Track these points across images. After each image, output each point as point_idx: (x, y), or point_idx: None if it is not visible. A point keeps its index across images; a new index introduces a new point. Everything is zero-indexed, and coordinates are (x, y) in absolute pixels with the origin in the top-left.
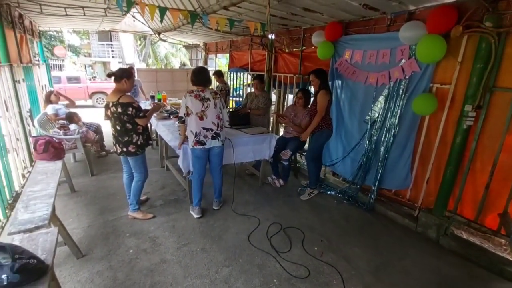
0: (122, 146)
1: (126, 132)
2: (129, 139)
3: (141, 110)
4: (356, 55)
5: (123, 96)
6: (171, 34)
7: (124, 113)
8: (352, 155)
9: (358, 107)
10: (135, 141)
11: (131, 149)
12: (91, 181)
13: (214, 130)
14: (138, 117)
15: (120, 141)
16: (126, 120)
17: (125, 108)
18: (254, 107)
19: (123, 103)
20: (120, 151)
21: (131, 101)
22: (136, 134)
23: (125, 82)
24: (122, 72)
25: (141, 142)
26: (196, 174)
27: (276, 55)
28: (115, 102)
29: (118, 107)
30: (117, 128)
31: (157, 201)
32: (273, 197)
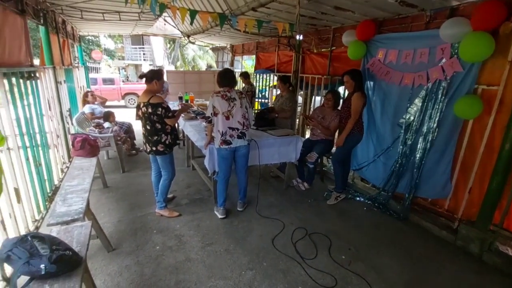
0: (152, 145)
1: (155, 132)
2: (158, 139)
3: (170, 111)
4: (390, 55)
5: (154, 97)
6: (200, 37)
7: (154, 113)
8: (383, 160)
9: (391, 110)
10: (164, 141)
11: (160, 148)
12: (122, 178)
13: (240, 130)
14: (167, 117)
15: (150, 140)
16: (156, 120)
17: (155, 108)
18: (278, 108)
19: (154, 104)
20: (149, 150)
21: (161, 101)
22: (164, 133)
23: (155, 83)
24: (153, 73)
25: (169, 142)
26: (222, 174)
27: (303, 55)
28: (145, 102)
29: (148, 107)
30: (147, 127)
31: (183, 199)
32: (298, 201)
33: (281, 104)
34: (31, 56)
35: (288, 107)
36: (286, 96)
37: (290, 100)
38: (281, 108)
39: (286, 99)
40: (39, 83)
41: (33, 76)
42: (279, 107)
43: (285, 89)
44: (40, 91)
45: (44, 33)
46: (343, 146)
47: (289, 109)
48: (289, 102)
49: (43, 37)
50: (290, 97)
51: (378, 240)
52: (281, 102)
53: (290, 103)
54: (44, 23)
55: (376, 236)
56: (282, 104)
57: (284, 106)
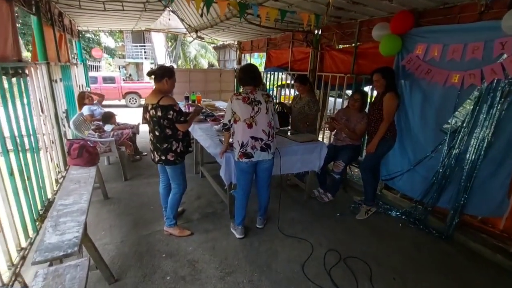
0: (161, 154)
1: (165, 139)
2: (169, 146)
3: (182, 114)
4: (432, 51)
5: (164, 98)
6: (207, 32)
7: (165, 117)
8: (420, 170)
9: (432, 113)
10: (175, 149)
11: (170, 157)
12: (125, 187)
13: (264, 140)
14: (179, 121)
15: (159, 148)
16: (166, 125)
17: (165, 112)
18: (296, 111)
19: (164, 106)
20: (158, 159)
21: (173, 103)
22: (176, 140)
23: (166, 82)
24: (164, 71)
25: (181, 150)
26: (241, 190)
27: (322, 52)
28: (155, 104)
29: (158, 110)
30: (156, 133)
31: (194, 214)
32: (322, 215)
33: (302, 108)
34: (18, 50)
35: (314, 111)
36: (308, 99)
37: (314, 103)
38: (301, 113)
39: (309, 102)
40: (29, 80)
41: (21, 73)
42: (299, 112)
43: (305, 90)
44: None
45: (37, 24)
46: (375, 152)
47: (314, 113)
48: (313, 105)
49: (35, 28)
50: (312, 99)
51: (424, 266)
52: (301, 105)
53: (315, 106)
54: (37, 13)
55: (420, 261)
56: (303, 108)
57: (307, 110)
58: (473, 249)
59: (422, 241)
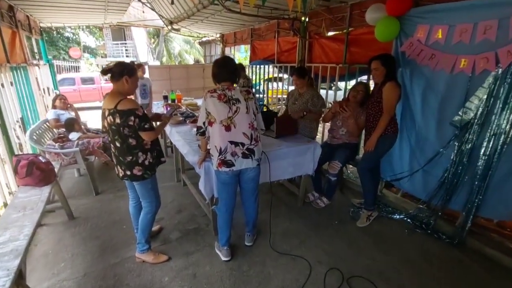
0: (125, 169)
1: (129, 150)
2: (134, 159)
3: (147, 120)
4: (436, 33)
5: (123, 101)
6: (185, 24)
7: (124, 125)
8: (428, 168)
9: (438, 104)
10: (142, 161)
11: (137, 171)
12: (95, 202)
13: (246, 145)
14: (143, 129)
15: (122, 162)
16: (128, 134)
17: (125, 118)
18: (297, 110)
19: (123, 111)
20: (122, 174)
21: (133, 106)
22: (142, 151)
23: (126, 81)
24: (122, 67)
25: (150, 162)
26: (223, 206)
27: (311, 41)
28: (112, 109)
29: (116, 117)
30: (117, 144)
31: (173, 232)
32: (320, 224)
33: (304, 105)
34: None
35: (319, 107)
36: (311, 93)
37: (318, 97)
38: (302, 111)
39: (313, 97)
40: None
41: None
42: (300, 110)
43: (304, 84)
44: None
45: None
46: (374, 150)
47: (319, 110)
48: (317, 100)
49: None
50: (314, 93)
51: (437, 280)
52: (303, 102)
53: (320, 101)
54: None
55: (433, 274)
56: (305, 105)
57: (311, 106)
58: (490, 257)
59: (432, 250)
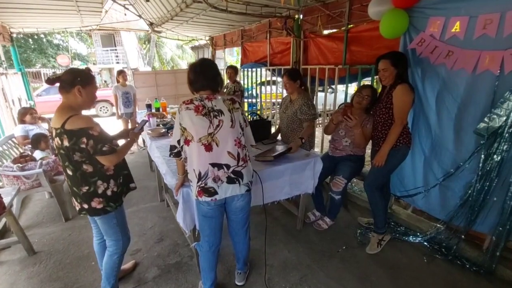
0: (81, 201)
1: (83, 179)
2: (91, 189)
3: (105, 141)
4: (453, 25)
5: (73, 118)
6: (170, 26)
7: (75, 148)
8: (448, 183)
9: (458, 110)
10: (102, 192)
11: (96, 204)
12: (63, 231)
13: (233, 167)
14: (100, 153)
15: (76, 193)
16: (81, 160)
17: (76, 139)
18: (287, 119)
19: (72, 131)
20: (79, 208)
21: (86, 125)
22: (103, 179)
23: (78, 92)
24: (73, 75)
25: (114, 191)
26: (206, 243)
27: (306, 41)
28: (59, 129)
29: (63, 138)
30: (69, 172)
31: (150, 269)
32: (323, 251)
33: (294, 114)
34: None
35: (309, 116)
36: (300, 101)
37: (309, 106)
38: (294, 121)
39: (303, 105)
40: None
41: None
42: (290, 120)
43: (295, 89)
44: None
45: None
46: (384, 165)
47: (311, 118)
48: (307, 108)
49: None
50: (306, 100)
51: None
52: (293, 111)
53: (310, 109)
54: None
55: None
56: (295, 115)
57: (301, 115)
58: None
59: (456, 282)
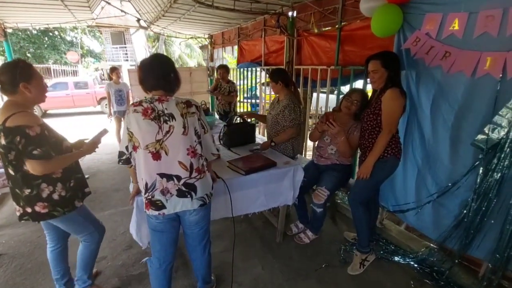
0: (24, 204)
1: (26, 180)
2: (34, 192)
3: (39, 144)
4: (451, 23)
5: (16, 115)
6: (165, 24)
7: (11, 147)
8: (442, 200)
9: (454, 118)
10: (47, 196)
11: (40, 209)
12: (33, 233)
13: (184, 179)
14: (29, 156)
15: (18, 196)
16: (16, 162)
17: (11, 138)
18: (270, 121)
19: (10, 128)
20: (20, 213)
21: (25, 123)
22: (48, 181)
23: (25, 89)
24: (11, 74)
25: (62, 195)
26: (156, 259)
27: (299, 39)
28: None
29: (1, 136)
30: (10, 172)
31: (110, 279)
32: (301, 269)
33: (276, 116)
34: None
35: (288, 121)
36: (285, 102)
37: (291, 109)
38: (276, 123)
39: (286, 107)
40: None
41: None
42: (273, 121)
43: (281, 89)
44: None
45: None
46: (370, 178)
47: (290, 124)
48: (288, 111)
49: None
50: (288, 104)
51: None
52: (275, 113)
53: (291, 114)
54: None
55: None
56: (277, 117)
57: (281, 119)
58: None
59: None
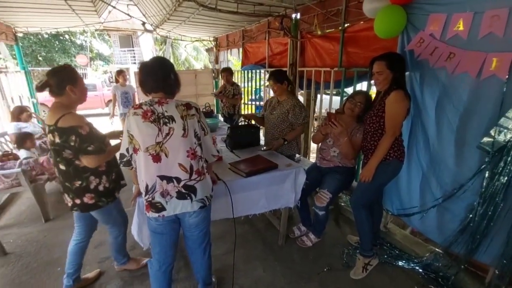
0: (74, 197)
1: (76, 174)
2: (83, 184)
3: (92, 141)
4: (455, 23)
5: (66, 116)
6: (170, 28)
7: (65, 146)
8: (447, 204)
9: (459, 120)
10: (95, 187)
11: (88, 200)
12: (40, 232)
13: (184, 181)
14: (85, 152)
15: (69, 189)
16: (70, 157)
17: (66, 137)
18: (273, 121)
19: (63, 129)
20: (71, 204)
21: (76, 123)
22: (95, 174)
23: (71, 91)
24: (60, 76)
25: (106, 187)
26: (156, 261)
27: (303, 41)
28: (52, 126)
29: (55, 135)
30: (61, 167)
31: (113, 280)
32: (302, 272)
33: (283, 115)
34: None
35: (301, 120)
36: (291, 103)
37: (301, 108)
38: (283, 122)
39: (294, 107)
40: None
41: None
42: (278, 121)
43: (283, 90)
44: None
45: None
46: (372, 181)
47: (302, 122)
48: (299, 110)
49: None
50: (296, 102)
51: None
52: (281, 112)
53: (302, 113)
54: None
55: None
56: (285, 115)
57: (292, 118)
58: None
59: None
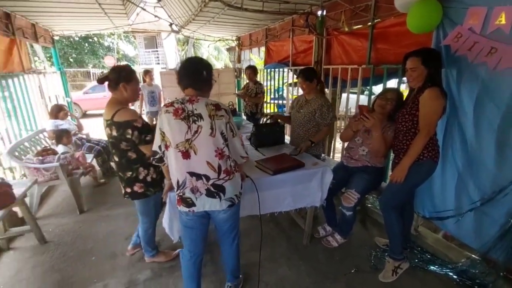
0: (125, 185)
1: (128, 165)
2: (133, 175)
3: (148, 132)
4: (497, 17)
5: (121, 111)
6: (195, 28)
7: (122, 138)
8: (486, 208)
9: (501, 119)
10: (143, 178)
11: (138, 189)
12: (75, 223)
13: (213, 179)
14: (143, 142)
15: (122, 178)
16: (126, 148)
17: (122, 131)
18: (300, 121)
19: (119, 123)
20: (124, 192)
21: (131, 118)
22: (144, 166)
23: (123, 88)
24: (117, 73)
25: (153, 178)
26: (187, 252)
27: (329, 38)
28: (109, 120)
29: (112, 129)
30: (115, 159)
31: (144, 271)
32: (329, 272)
33: (310, 114)
34: None
35: (329, 120)
36: (319, 102)
37: (329, 107)
38: (309, 121)
39: (321, 107)
40: None
41: None
42: (305, 120)
43: (312, 89)
44: None
45: None
46: (404, 182)
47: (329, 122)
48: (327, 110)
49: None
50: (324, 102)
51: None
52: (308, 111)
53: (330, 113)
54: None
55: None
56: (312, 115)
57: (320, 118)
58: None
59: None
